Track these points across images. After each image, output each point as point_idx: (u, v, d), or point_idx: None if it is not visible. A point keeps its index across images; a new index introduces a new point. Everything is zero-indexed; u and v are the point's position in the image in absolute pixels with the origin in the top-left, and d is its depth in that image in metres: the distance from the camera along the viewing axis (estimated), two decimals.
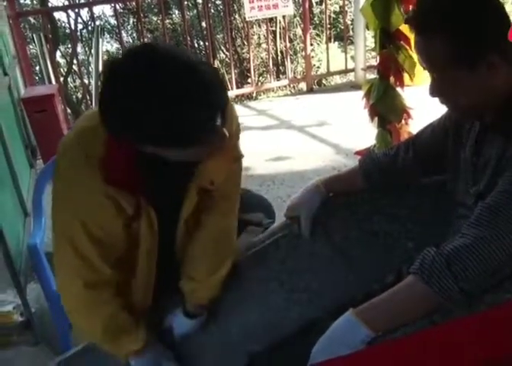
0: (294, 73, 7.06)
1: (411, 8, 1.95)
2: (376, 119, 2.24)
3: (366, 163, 1.42)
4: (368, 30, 4.66)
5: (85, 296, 1.26)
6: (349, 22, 6.15)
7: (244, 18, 5.09)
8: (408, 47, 2.06)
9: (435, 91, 1.11)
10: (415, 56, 2.01)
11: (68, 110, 7.34)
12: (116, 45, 9.84)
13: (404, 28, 2.08)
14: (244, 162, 1.50)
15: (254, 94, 6.15)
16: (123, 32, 8.75)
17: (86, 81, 6.95)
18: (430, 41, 1.06)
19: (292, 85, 6.25)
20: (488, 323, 0.82)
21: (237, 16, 8.12)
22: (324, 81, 7.03)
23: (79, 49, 9.09)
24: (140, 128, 1.04)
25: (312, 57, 6.45)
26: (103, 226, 1.21)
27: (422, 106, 2.17)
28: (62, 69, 9.23)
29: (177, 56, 1.04)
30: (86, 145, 1.17)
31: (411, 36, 1.13)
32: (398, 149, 1.40)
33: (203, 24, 7.78)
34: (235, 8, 7.92)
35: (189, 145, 1.09)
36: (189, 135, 1.05)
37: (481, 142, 1.16)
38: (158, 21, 8.57)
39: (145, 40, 5.96)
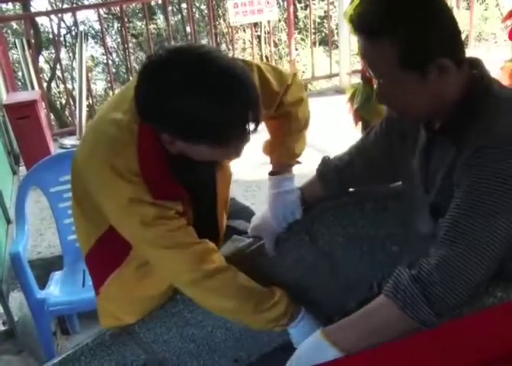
0: None
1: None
2: (360, 123, 2.26)
3: (322, 171, 1.40)
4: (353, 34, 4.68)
5: (200, 270, 1.23)
6: (334, 26, 6.18)
7: (229, 23, 5.11)
8: None
9: (383, 97, 1.07)
10: None
11: (52, 116, 7.30)
12: (100, 50, 9.81)
13: None
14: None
15: None
16: (107, 37, 8.72)
17: (70, 86, 6.91)
18: (376, 44, 1.00)
19: None
20: (476, 327, 0.83)
21: (222, 21, 8.15)
22: (309, 86, 7.07)
23: (63, 54, 9.05)
24: (189, 127, 1.08)
25: (297, 62, 6.49)
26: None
27: None
28: (45, 75, 9.18)
29: (218, 56, 1.08)
30: (121, 159, 1.15)
31: None
32: (349, 154, 1.38)
33: (188, 29, 7.78)
34: (220, 12, 7.95)
35: (229, 143, 1.14)
36: (232, 132, 1.10)
37: (430, 149, 1.13)
38: (143, 26, 8.57)
39: (130, 44, 5.95)
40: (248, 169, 3.24)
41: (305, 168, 1.45)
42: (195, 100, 1.05)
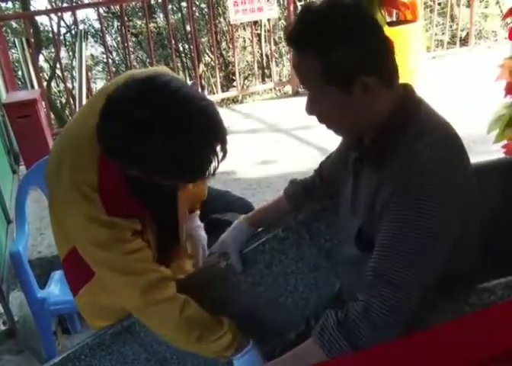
0: (279, 76, 7.09)
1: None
2: None
3: (289, 186, 1.42)
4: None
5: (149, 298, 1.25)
6: None
7: (229, 21, 5.09)
8: None
9: (310, 109, 1.08)
10: (397, 59, 2.02)
11: (52, 116, 7.29)
12: (100, 49, 9.79)
13: (387, 31, 2.09)
14: (230, 166, 1.50)
15: (240, 98, 6.15)
16: (107, 36, 8.69)
17: (70, 85, 6.90)
18: (303, 57, 1.02)
19: (277, 88, 6.25)
20: (478, 324, 0.82)
21: (222, 19, 8.12)
22: None
23: (63, 53, 9.02)
24: (161, 168, 1.09)
25: None
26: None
27: None
28: (45, 74, 9.17)
29: (188, 95, 1.07)
30: (82, 172, 1.17)
31: (394, 40, 1.11)
32: (315, 170, 1.40)
33: (188, 28, 7.76)
34: (220, 11, 7.92)
35: (197, 179, 1.18)
36: (202, 170, 1.11)
37: (359, 172, 1.13)
38: (143, 25, 8.54)
39: (130, 43, 5.93)
40: (248, 167, 3.24)
41: (306, 165, 1.45)
42: (168, 141, 1.04)
